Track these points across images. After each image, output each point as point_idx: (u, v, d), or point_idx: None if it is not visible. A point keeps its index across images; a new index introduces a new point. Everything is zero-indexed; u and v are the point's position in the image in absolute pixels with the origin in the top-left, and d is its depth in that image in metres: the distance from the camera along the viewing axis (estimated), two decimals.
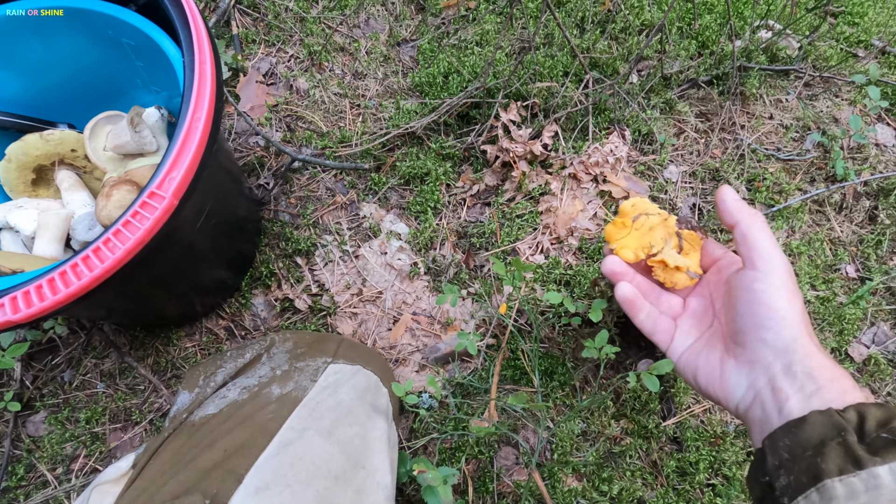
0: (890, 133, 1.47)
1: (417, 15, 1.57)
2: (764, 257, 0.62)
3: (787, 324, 0.59)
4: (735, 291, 0.64)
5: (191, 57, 0.82)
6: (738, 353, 0.63)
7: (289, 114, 1.47)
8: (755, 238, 0.64)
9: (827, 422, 0.50)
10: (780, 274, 0.61)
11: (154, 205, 0.74)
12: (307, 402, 0.93)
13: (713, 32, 1.46)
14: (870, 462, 0.45)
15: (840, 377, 0.56)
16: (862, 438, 0.48)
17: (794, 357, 0.57)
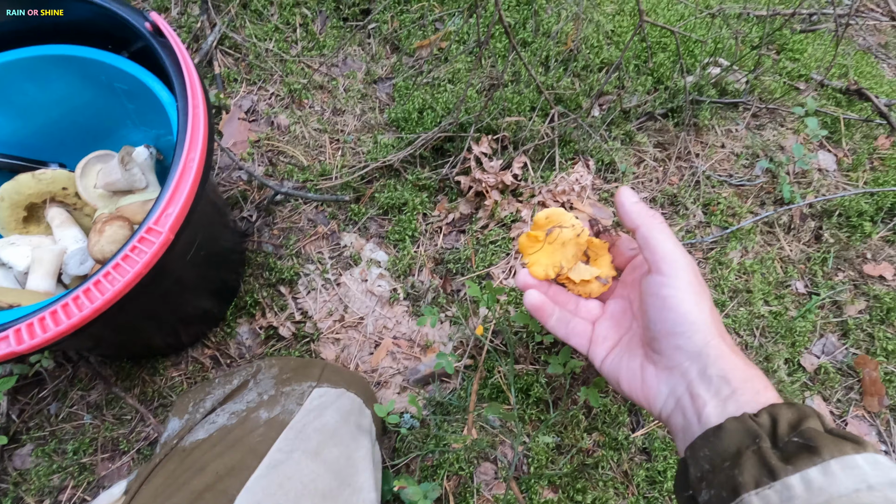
0: (831, 159, 1.60)
1: (392, 55, 1.66)
2: (667, 260, 0.61)
3: (698, 328, 0.58)
4: (645, 297, 0.63)
5: (184, 102, 0.88)
6: (656, 359, 0.63)
7: (270, 149, 1.53)
8: (657, 241, 0.63)
9: (742, 429, 0.51)
10: (684, 276, 0.60)
11: (152, 239, 0.80)
12: (294, 424, 0.98)
13: (667, 69, 1.58)
14: (783, 472, 0.46)
15: (753, 377, 0.57)
16: (775, 443, 0.49)
17: (708, 361, 0.57)
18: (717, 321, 0.60)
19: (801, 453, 0.47)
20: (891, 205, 1.50)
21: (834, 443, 0.47)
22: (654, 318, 0.62)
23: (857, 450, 0.46)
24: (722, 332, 0.60)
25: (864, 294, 1.42)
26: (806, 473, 0.46)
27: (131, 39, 1.02)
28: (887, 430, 1.28)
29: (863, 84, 1.69)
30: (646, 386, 0.64)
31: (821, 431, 0.49)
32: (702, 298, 0.60)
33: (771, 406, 0.53)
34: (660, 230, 0.63)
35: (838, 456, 0.46)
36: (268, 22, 1.68)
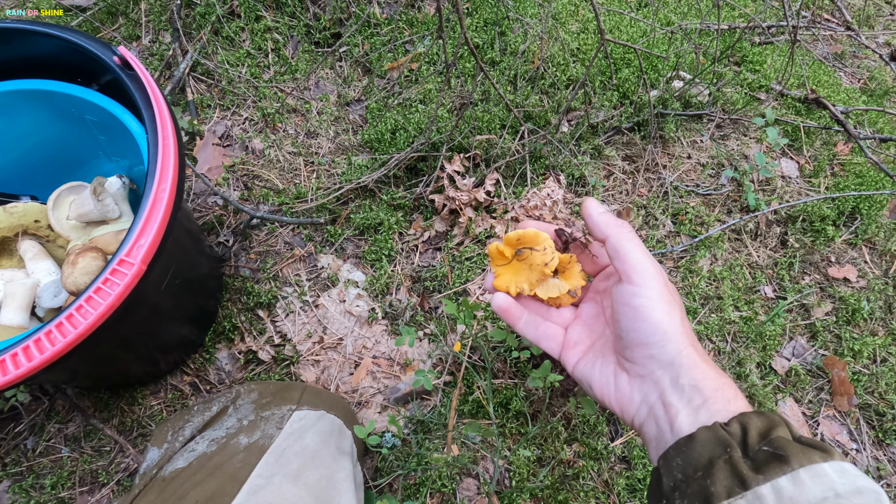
0: (793, 166, 1.65)
1: (364, 77, 1.68)
2: (637, 270, 0.61)
3: (670, 337, 0.58)
4: (616, 306, 0.63)
5: (154, 134, 0.89)
6: (629, 367, 0.63)
7: (245, 173, 1.54)
8: (626, 251, 0.62)
9: (713, 438, 0.51)
10: (655, 286, 0.60)
11: (124, 271, 0.80)
12: (274, 449, 0.98)
13: (632, 84, 1.63)
14: (753, 482, 0.47)
15: (724, 386, 0.57)
16: (746, 452, 0.50)
17: (681, 370, 0.58)
18: (688, 330, 0.60)
19: (771, 462, 0.48)
20: (851, 209, 1.55)
21: (802, 451, 0.48)
22: (626, 328, 0.62)
23: (825, 458, 0.48)
24: (693, 340, 0.60)
25: (830, 296, 1.46)
26: (776, 483, 0.47)
27: (100, 72, 1.03)
28: (857, 429, 1.31)
29: (820, 93, 1.76)
30: (619, 393, 0.64)
31: (789, 440, 0.50)
32: (673, 307, 0.60)
33: (741, 415, 0.53)
34: (628, 239, 0.64)
35: (807, 465, 0.47)
36: (240, 48, 1.70)
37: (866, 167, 1.63)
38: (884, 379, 1.35)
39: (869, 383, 1.35)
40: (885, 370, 1.36)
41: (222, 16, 1.70)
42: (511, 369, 1.29)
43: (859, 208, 1.55)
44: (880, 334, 1.42)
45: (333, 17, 1.71)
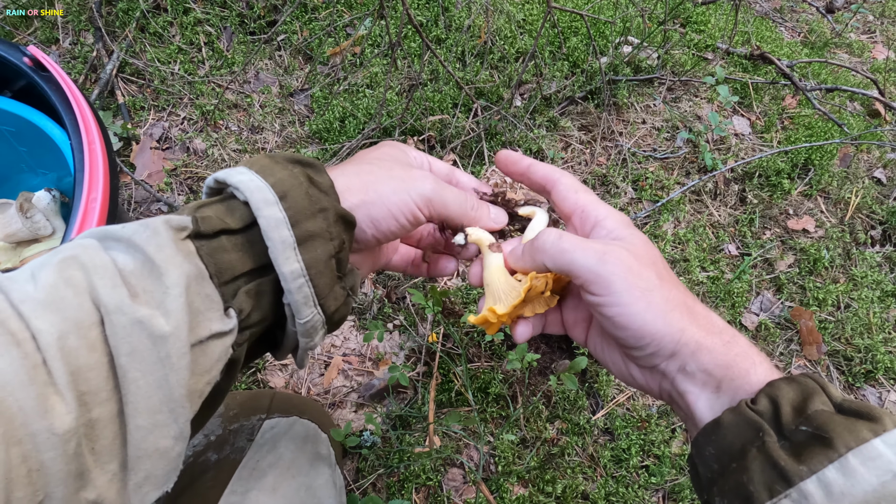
0: (745, 123, 1.66)
1: (306, 65, 1.61)
2: (593, 281, 0.51)
3: (661, 335, 0.51)
4: (593, 312, 0.55)
5: (78, 139, 0.81)
6: (632, 360, 0.56)
7: (189, 175, 1.46)
8: (573, 266, 0.52)
9: (741, 422, 0.46)
10: (621, 287, 0.50)
11: None
12: (246, 462, 0.93)
13: (581, 52, 1.60)
14: (796, 475, 0.41)
15: (737, 358, 0.50)
16: (781, 432, 0.44)
17: (684, 359, 0.51)
18: (678, 310, 0.51)
19: (813, 446, 0.41)
20: (804, 160, 1.57)
21: (847, 427, 0.41)
22: (611, 334, 0.54)
23: (874, 430, 0.41)
24: (689, 316, 0.52)
25: (792, 248, 1.48)
26: (823, 475, 0.40)
27: (12, 77, 0.94)
28: (828, 376, 1.34)
29: (765, 48, 1.77)
30: (634, 380, 0.58)
31: (830, 413, 0.43)
32: (651, 297, 0.51)
33: (769, 386, 0.46)
34: (559, 251, 0.53)
35: (854, 446, 0.40)
36: (170, 44, 1.60)
37: (815, 118, 1.66)
38: (849, 324, 1.37)
39: (835, 330, 1.37)
40: (850, 315, 1.39)
41: (147, 11, 1.60)
42: (486, 353, 1.26)
43: (811, 159, 1.57)
44: (841, 281, 1.44)
45: (268, 4, 1.62)
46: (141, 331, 0.40)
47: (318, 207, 0.48)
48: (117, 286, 0.41)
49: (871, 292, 1.43)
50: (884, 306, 1.42)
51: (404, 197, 0.54)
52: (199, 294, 0.44)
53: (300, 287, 0.47)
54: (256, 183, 0.47)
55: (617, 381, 1.28)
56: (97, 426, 0.39)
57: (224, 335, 0.45)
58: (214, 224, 0.46)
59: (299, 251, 0.46)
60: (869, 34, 2.11)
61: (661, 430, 1.22)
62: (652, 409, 1.26)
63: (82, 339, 0.39)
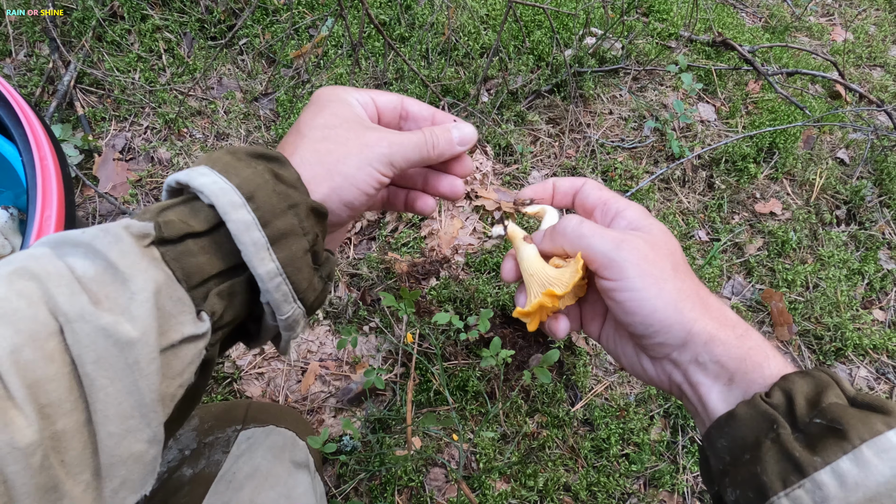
0: (710, 109, 1.68)
1: (269, 68, 1.59)
2: (606, 265, 0.52)
3: (671, 322, 0.51)
4: (604, 298, 0.55)
5: (29, 155, 0.79)
6: (644, 349, 0.57)
7: (155, 186, 1.43)
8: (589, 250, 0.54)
9: (756, 414, 0.46)
10: (633, 273, 0.51)
11: None
12: (223, 475, 0.91)
13: (545, 45, 1.60)
14: (810, 466, 0.41)
15: (750, 350, 0.50)
16: (795, 425, 0.44)
17: (696, 349, 0.51)
18: (691, 299, 0.52)
19: (827, 438, 0.42)
20: (769, 144, 1.59)
21: (861, 420, 0.42)
22: (621, 321, 0.55)
23: (888, 423, 0.41)
24: (701, 303, 0.52)
25: (760, 231, 1.50)
26: (837, 466, 0.41)
27: None
28: (800, 356, 1.36)
29: (727, 35, 1.79)
30: (645, 372, 0.58)
31: (844, 406, 0.44)
32: (663, 284, 0.52)
33: (783, 379, 0.47)
34: (577, 236, 0.55)
35: (869, 438, 0.40)
36: (129, 52, 1.57)
37: (778, 102, 1.68)
38: (818, 304, 1.40)
39: (805, 310, 1.40)
40: (818, 295, 1.41)
41: (103, 19, 1.56)
42: (463, 351, 1.26)
43: (776, 143, 1.59)
44: (809, 262, 1.47)
45: (227, 8, 1.60)
46: (106, 338, 0.39)
47: (288, 204, 0.47)
48: (76, 293, 0.39)
49: (838, 271, 1.46)
50: (850, 284, 1.45)
51: (368, 170, 0.54)
52: (171, 298, 0.42)
53: (278, 286, 0.46)
54: (220, 185, 0.45)
55: (595, 372, 1.28)
56: (64, 437, 0.38)
57: (197, 339, 0.44)
58: (178, 228, 0.44)
59: (273, 251, 0.46)
60: (828, 17, 2.15)
61: (639, 418, 1.23)
62: (630, 397, 1.27)
63: (38, 351, 0.38)
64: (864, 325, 1.39)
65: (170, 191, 0.50)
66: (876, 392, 1.33)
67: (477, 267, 1.35)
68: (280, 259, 0.46)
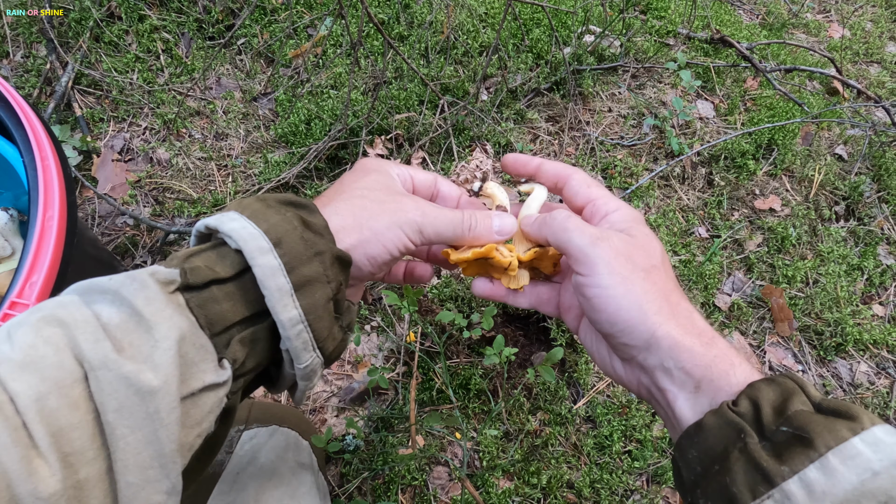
0: (709, 107, 1.68)
1: (268, 68, 1.58)
2: (580, 259, 0.53)
3: (635, 323, 0.52)
4: (576, 294, 0.56)
5: (30, 156, 0.79)
6: (614, 350, 0.57)
7: (154, 187, 1.43)
8: (565, 243, 0.55)
9: (723, 424, 0.46)
10: (603, 270, 0.52)
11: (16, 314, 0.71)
12: (227, 475, 0.91)
13: (544, 43, 1.60)
14: (778, 476, 0.41)
15: (716, 358, 0.50)
16: (763, 434, 0.44)
17: (661, 353, 0.51)
18: (658, 301, 0.52)
19: (794, 447, 0.42)
20: (768, 141, 1.60)
21: (826, 427, 0.42)
22: (591, 319, 0.56)
23: (853, 429, 0.41)
24: (669, 307, 0.53)
25: (760, 228, 1.50)
26: (804, 475, 0.41)
27: None
28: (800, 351, 1.37)
29: (725, 32, 1.79)
30: (616, 374, 0.58)
31: (810, 413, 0.44)
32: (630, 285, 0.52)
33: (749, 387, 0.47)
34: (562, 229, 0.56)
35: (834, 445, 0.41)
36: (126, 52, 1.56)
37: (776, 99, 1.68)
38: (818, 299, 1.40)
39: (805, 305, 1.40)
40: (819, 291, 1.42)
41: (101, 20, 1.56)
42: (465, 350, 1.26)
43: (775, 139, 1.60)
44: (809, 257, 1.47)
45: (225, 8, 1.59)
46: (128, 386, 0.39)
47: (315, 251, 0.48)
48: (100, 340, 0.39)
49: (838, 267, 1.46)
50: (850, 280, 1.46)
51: (397, 232, 0.55)
52: (194, 345, 0.43)
53: (299, 333, 0.46)
54: (249, 230, 0.46)
55: (596, 370, 1.29)
56: (86, 486, 0.38)
57: (218, 387, 0.44)
58: (204, 275, 0.45)
59: (297, 297, 0.46)
60: (824, 13, 2.16)
61: (641, 415, 1.23)
62: (631, 394, 1.27)
63: (63, 399, 0.38)
64: (864, 320, 1.40)
65: (199, 236, 0.50)
66: (876, 387, 1.33)
67: None
68: (303, 306, 0.46)
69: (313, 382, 0.51)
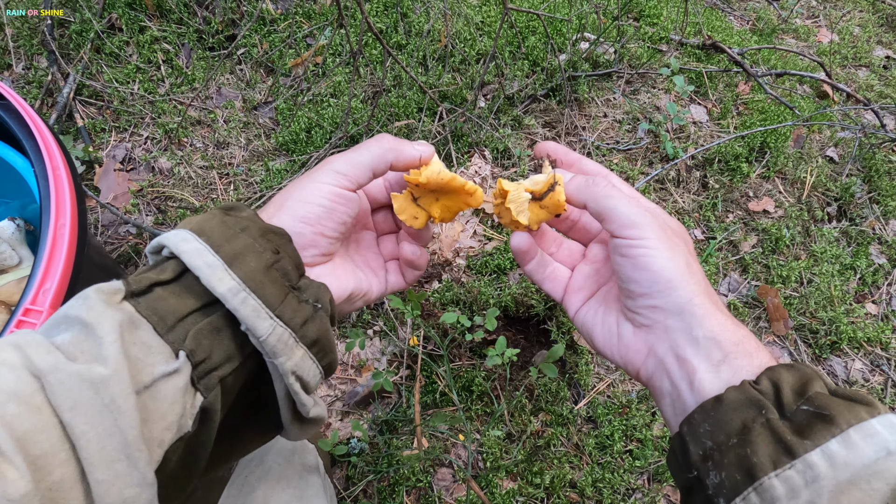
0: (702, 111, 1.71)
1: (268, 77, 1.60)
2: (628, 225, 0.54)
3: (675, 285, 0.53)
4: (614, 256, 0.57)
5: (42, 167, 0.81)
6: (632, 317, 0.57)
7: (157, 195, 1.44)
8: (609, 210, 0.56)
9: (745, 399, 0.47)
10: (652, 234, 0.54)
11: (32, 321, 0.72)
12: (234, 479, 0.93)
13: (540, 51, 1.63)
14: (801, 448, 0.42)
15: (744, 338, 0.52)
16: (783, 413, 0.45)
17: (693, 320, 0.52)
18: (697, 276, 0.54)
19: (815, 424, 0.43)
20: (760, 144, 1.63)
21: (847, 408, 0.43)
22: (626, 278, 0.56)
23: (871, 412, 0.43)
24: (706, 287, 0.54)
25: (754, 229, 1.53)
26: (826, 447, 0.42)
27: None
28: (796, 350, 1.39)
29: (716, 38, 1.83)
30: (622, 344, 0.58)
31: (829, 395, 0.45)
32: (676, 253, 0.54)
33: (769, 370, 0.48)
34: (606, 196, 0.56)
35: (855, 423, 0.42)
36: (127, 63, 1.58)
37: (768, 103, 1.72)
38: (812, 298, 1.43)
39: (800, 305, 1.43)
40: (813, 290, 1.44)
41: (101, 31, 1.57)
42: (467, 352, 1.27)
43: (767, 142, 1.63)
44: (803, 258, 1.50)
45: (225, 19, 1.61)
46: (80, 381, 0.39)
47: (239, 228, 0.49)
48: (52, 352, 0.40)
49: (831, 266, 1.49)
50: (843, 279, 1.48)
51: (319, 185, 0.55)
52: (135, 343, 0.43)
53: (244, 301, 0.45)
54: (177, 234, 0.47)
55: (597, 371, 1.30)
56: (62, 488, 0.38)
57: (170, 375, 0.43)
58: (146, 280, 0.46)
59: (231, 270, 0.46)
60: (813, 18, 2.20)
61: (641, 415, 1.25)
62: (632, 394, 1.29)
63: (23, 405, 0.38)
64: (858, 318, 1.42)
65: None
66: (871, 384, 1.36)
67: (478, 269, 1.37)
68: (239, 276, 0.46)
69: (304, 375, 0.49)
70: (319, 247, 0.56)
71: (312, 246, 0.55)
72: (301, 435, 0.54)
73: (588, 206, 0.58)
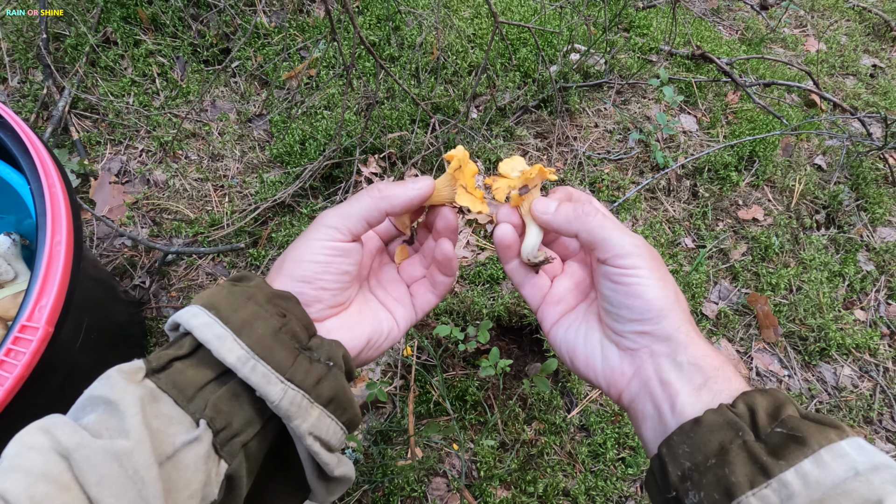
0: (692, 120, 1.74)
1: (262, 90, 1.62)
2: (622, 254, 0.57)
3: (666, 314, 0.56)
4: (605, 282, 0.59)
5: (37, 182, 0.82)
6: (618, 340, 0.59)
7: (152, 208, 1.45)
8: (603, 239, 0.58)
9: (722, 421, 0.49)
10: (645, 264, 0.56)
11: (28, 337, 0.73)
12: None
13: (531, 62, 1.65)
14: (776, 468, 0.44)
15: (723, 365, 0.55)
16: (758, 434, 0.48)
17: (678, 347, 0.55)
18: (683, 306, 0.57)
19: (789, 445, 0.46)
20: (749, 153, 1.65)
21: (817, 430, 0.46)
22: (617, 304, 0.58)
23: (840, 435, 0.46)
24: (689, 317, 0.58)
25: (744, 237, 1.55)
26: (800, 467, 0.44)
27: None
28: (786, 356, 1.40)
29: (705, 48, 1.85)
30: (607, 366, 0.59)
31: (801, 419, 0.48)
32: (666, 283, 0.57)
33: (745, 394, 0.51)
34: (600, 226, 0.58)
35: (826, 444, 0.45)
36: (122, 76, 1.59)
37: (756, 112, 1.74)
38: (802, 306, 1.45)
39: (790, 312, 1.44)
40: (802, 297, 1.46)
41: (96, 45, 1.59)
42: (460, 362, 1.28)
43: (756, 151, 1.65)
44: (792, 265, 1.52)
45: (219, 33, 1.63)
46: (104, 455, 0.41)
47: (246, 297, 0.50)
48: (77, 431, 0.42)
49: (820, 274, 1.51)
50: (832, 286, 1.50)
51: (312, 243, 0.56)
52: (157, 416, 0.45)
53: (253, 368, 0.47)
54: (189, 310, 0.49)
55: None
56: None
57: (192, 443, 0.45)
58: (165, 356, 0.48)
59: (240, 339, 0.47)
60: (801, 28, 2.23)
61: None
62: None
63: (52, 484, 0.39)
64: (847, 325, 1.44)
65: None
66: (860, 390, 1.37)
67: (472, 279, 1.38)
68: (248, 344, 0.47)
69: (327, 437, 0.50)
70: (324, 301, 0.57)
71: (317, 301, 0.56)
72: (328, 497, 0.55)
73: (580, 236, 0.60)
